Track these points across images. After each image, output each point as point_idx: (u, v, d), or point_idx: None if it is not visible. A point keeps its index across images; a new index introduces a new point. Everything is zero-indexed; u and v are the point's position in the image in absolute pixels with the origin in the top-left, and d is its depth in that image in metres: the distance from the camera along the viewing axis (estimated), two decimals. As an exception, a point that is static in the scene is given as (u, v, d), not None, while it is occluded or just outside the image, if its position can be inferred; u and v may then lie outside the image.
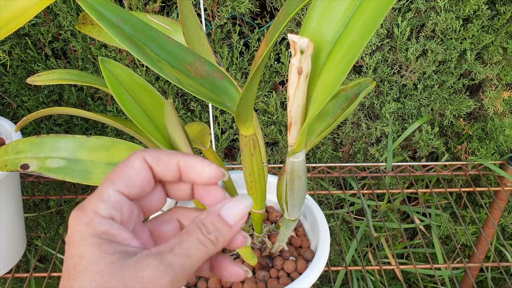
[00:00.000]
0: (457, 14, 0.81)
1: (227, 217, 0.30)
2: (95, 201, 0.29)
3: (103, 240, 0.27)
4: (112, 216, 0.28)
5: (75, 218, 0.28)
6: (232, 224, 0.30)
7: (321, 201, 1.01)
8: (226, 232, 0.30)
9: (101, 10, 0.40)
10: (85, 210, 0.28)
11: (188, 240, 0.28)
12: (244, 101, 0.40)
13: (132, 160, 0.30)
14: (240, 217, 0.30)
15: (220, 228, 0.29)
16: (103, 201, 0.29)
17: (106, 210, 0.28)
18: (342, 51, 0.37)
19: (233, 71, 0.87)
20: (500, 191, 0.91)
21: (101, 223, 0.28)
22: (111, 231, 0.28)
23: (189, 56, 0.43)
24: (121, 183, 0.29)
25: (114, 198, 0.29)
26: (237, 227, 0.30)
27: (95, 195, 0.29)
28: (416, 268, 0.74)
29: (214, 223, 0.29)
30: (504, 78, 0.89)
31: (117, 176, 0.30)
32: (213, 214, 0.30)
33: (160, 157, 0.31)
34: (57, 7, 0.80)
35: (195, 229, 0.29)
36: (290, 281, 0.56)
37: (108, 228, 0.28)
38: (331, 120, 0.51)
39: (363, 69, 0.87)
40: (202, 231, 0.29)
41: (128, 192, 0.30)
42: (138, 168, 0.30)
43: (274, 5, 0.86)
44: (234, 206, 0.30)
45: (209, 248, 0.29)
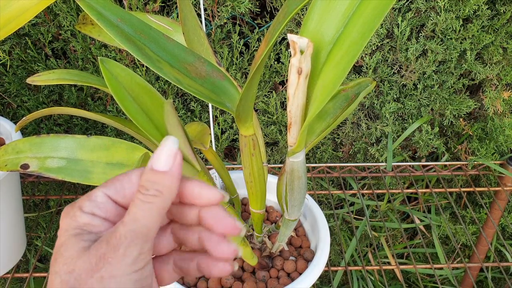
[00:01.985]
0: (457, 14, 0.81)
1: (158, 166, 0.30)
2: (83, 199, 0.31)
3: (82, 230, 0.29)
4: (93, 213, 0.30)
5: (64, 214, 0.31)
6: (167, 169, 0.30)
7: (321, 201, 1.01)
8: (165, 181, 0.29)
9: (101, 11, 0.40)
10: (73, 206, 0.31)
11: (132, 206, 0.29)
12: (244, 101, 0.40)
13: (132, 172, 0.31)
14: (170, 159, 0.30)
15: (156, 180, 0.29)
16: (90, 200, 0.30)
17: (89, 207, 0.30)
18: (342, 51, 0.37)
19: (233, 71, 0.87)
20: (500, 191, 0.91)
21: (83, 216, 0.30)
22: (92, 222, 0.30)
23: (189, 56, 0.43)
24: (112, 189, 0.31)
25: (101, 200, 0.30)
26: (175, 171, 0.30)
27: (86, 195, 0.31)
28: (416, 268, 0.74)
29: (149, 179, 0.29)
30: (504, 78, 0.89)
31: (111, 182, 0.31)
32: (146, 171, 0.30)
33: None
34: (57, 7, 0.80)
35: (136, 194, 0.30)
36: (290, 281, 0.56)
37: (88, 220, 0.30)
38: (331, 120, 0.51)
39: (363, 69, 0.87)
40: (141, 192, 0.29)
41: (116, 198, 0.31)
42: (133, 181, 0.31)
43: (274, 5, 0.86)
44: (160, 152, 0.30)
45: (154, 201, 0.29)
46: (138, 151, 0.62)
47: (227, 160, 0.99)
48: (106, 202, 0.31)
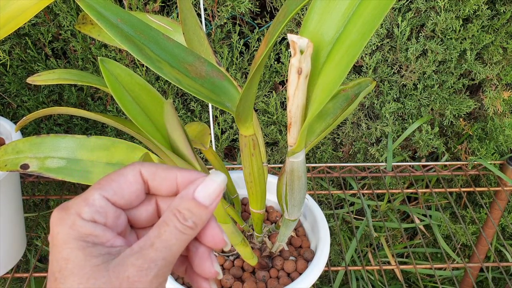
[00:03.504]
0: (457, 14, 0.81)
1: (202, 198, 0.29)
2: (80, 204, 0.29)
3: (87, 243, 0.27)
4: (95, 220, 0.28)
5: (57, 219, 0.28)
6: (208, 205, 0.29)
7: (321, 201, 1.01)
8: (203, 215, 0.29)
9: (100, 10, 0.40)
10: (69, 212, 0.28)
11: (167, 231, 0.28)
12: (244, 101, 0.40)
13: (127, 171, 0.30)
14: (215, 196, 0.29)
15: (196, 212, 0.29)
16: (88, 204, 0.28)
17: (89, 213, 0.28)
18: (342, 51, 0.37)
19: (233, 71, 0.87)
20: (500, 191, 0.91)
21: (84, 225, 0.28)
22: (95, 232, 0.28)
23: (189, 56, 0.43)
24: (110, 190, 0.29)
25: (99, 203, 0.29)
26: (214, 207, 0.29)
27: (81, 197, 0.29)
28: (416, 268, 0.74)
29: (189, 208, 0.29)
30: (504, 78, 0.89)
31: (107, 182, 0.30)
32: (187, 198, 0.29)
33: (157, 171, 0.30)
34: (57, 7, 0.80)
35: (171, 218, 0.28)
36: (290, 281, 0.56)
37: (91, 230, 0.28)
38: (331, 120, 0.51)
39: (363, 69, 0.87)
40: (179, 220, 0.28)
41: (115, 200, 0.29)
42: (131, 181, 0.30)
43: (274, 5, 0.86)
44: (208, 185, 0.29)
45: (188, 234, 0.29)
46: (138, 151, 0.62)
47: (227, 160, 0.99)
48: (105, 205, 0.29)
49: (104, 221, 0.29)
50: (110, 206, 0.29)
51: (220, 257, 0.60)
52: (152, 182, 0.30)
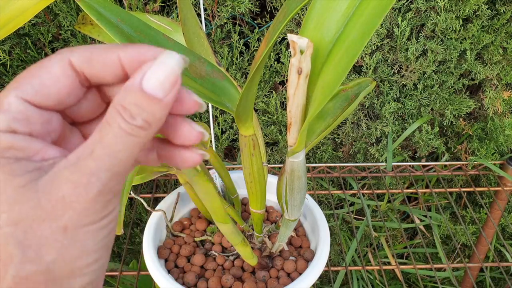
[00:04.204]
0: (457, 14, 0.81)
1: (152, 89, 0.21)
2: None
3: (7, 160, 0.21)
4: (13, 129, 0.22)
5: None
6: (162, 96, 0.22)
7: (321, 201, 1.01)
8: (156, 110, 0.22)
9: (100, 10, 0.40)
10: None
11: (109, 134, 0.22)
12: (244, 101, 0.39)
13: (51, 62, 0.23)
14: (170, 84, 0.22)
15: (146, 107, 0.22)
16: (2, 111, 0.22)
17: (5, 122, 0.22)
18: (342, 51, 0.37)
19: (233, 71, 0.87)
20: (500, 191, 0.91)
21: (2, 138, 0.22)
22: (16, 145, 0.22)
23: (189, 56, 0.43)
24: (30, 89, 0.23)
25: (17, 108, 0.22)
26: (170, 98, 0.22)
27: None
28: (416, 268, 0.74)
29: (137, 103, 0.21)
30: (504, 78, 0.89)
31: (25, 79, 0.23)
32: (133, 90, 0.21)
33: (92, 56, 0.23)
34: (57, 7, 0.80)
35: (114, 116, 0.22)
36: (290, 281, 0.56)
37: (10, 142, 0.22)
38: (331, 120, 0.51)
39: (363, 69, 0.87)
40: (124, 118, 0.22)
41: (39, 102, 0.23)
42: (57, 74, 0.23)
43: (274, 5, 0.86)
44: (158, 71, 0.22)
45: (139, 136, 0.22)
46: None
47: (227, 160, 0.99)
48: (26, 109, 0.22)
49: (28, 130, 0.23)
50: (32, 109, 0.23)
51: (220, 257, 0.60)
52: (90, 70, 0.23)
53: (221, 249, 0.62)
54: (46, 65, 0.23)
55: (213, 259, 0.61)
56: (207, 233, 0.64)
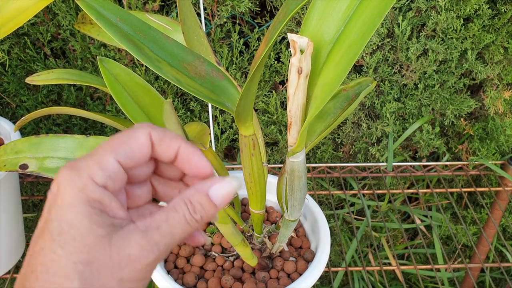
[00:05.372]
0: (458, 13, 0.81)
1: (215, 197, 0.29)
2: (94, 166, 0.27)
3: (94, 211, 0.26)
4: (106, 186, 0.27)
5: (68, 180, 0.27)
6: (218, 204, 0.29)
7: (321, 201, 1.01)
8: (210, 212, 0.29)
9: (100, 10, 0.40)
10: (81, 174, 0.27)
11: (175, 218, 0.28)
12: (243, 101, 0.39)
13: (138, 133, 0.29)
14: (227, 198, 0.29)
15: (206, 208, 0.29)
16: (102, 168, 0.27)
17: (102, 178, 0.27)
18: (342, 51, 0.37)
19: (233, 70, 0.87)
20: (501, 191, 0.91)
21: (96, 191, 0.27)
22: (103, 200, 0.27)
23: (188, 55, 0.43)
24: (123, 153, 0.28)
25: (113, 168, 0.28)
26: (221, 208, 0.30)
27: (93, 159, 0.27)
28: (416, 268, 0.74)
29: (201, 203, 0.28)
30: (505, 78, 0.88)
31: (120, 145, 0.28)
32: (202, 193, 0.29)
33: (165, 137, 0.30)
34: (56, 7, 0.80)
35: (182, 206, 0.28)
36: (290, 282, 0.55)
37: (101, 197, 0.27)
38: (331, 120, 0.51)
39: (363, 68, 0.87)
40: (189, 210, 0.28)
41: (125, 163, 0.28)
42: (142, 143, 0.29)
43: (274, 4, 0.86)
44: (223, 187, 0.29)
45: (193, 227, 0.28)
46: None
47: (226, 160, 0.99)
48: (118, 171, 0.28)
49: (113, 187, 0.28)
50: (121, 171, 0.28)
51: (220, 257, 0.60)
52: (158, 147, 0.30)
53: (221, 250, 0.61)
54: (134, 136, 0.29)
55: (213, 260, 0.60)
56: (207, 233, 0.64)
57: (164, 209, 0.28)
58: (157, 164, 0.32)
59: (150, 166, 0.31)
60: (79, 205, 0.26)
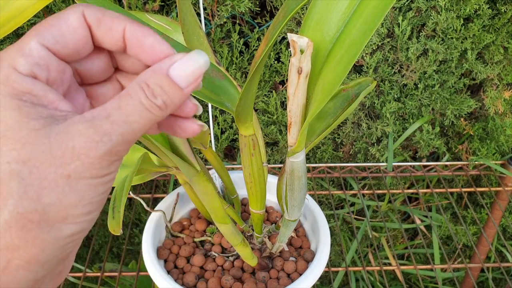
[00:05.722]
0: (458, 13, 0.81)
1: (178, 77, 0.24)
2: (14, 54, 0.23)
3: (24, 103, 0.23)
4: (35, 74, 0.23)
5: None
6: (184, 86, 0.25)
7: (321, 201, 1.01)
8: (176, 96, 0.25)
9: (99, 9, 0.40)
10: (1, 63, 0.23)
11: (129, 104, 0.24)
12: (243, 101, 0.39)
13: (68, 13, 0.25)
14: (193, 78, 0.25)
15: (168, 91, 0.24)
16: (24, 55, 0.23)
17: (27, 66, 0.23)
18: (342, 51, 0.37)
19: (233, 70, 0.87)
20: (501, 191, 0.91)
21: (22, 81, 0.23)
22: (34, 91, 0.23)
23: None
24: (50, 37, 0.24)
25: (39, 53, 0.24)
26: (189, 91, 0.25)
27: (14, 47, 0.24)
28: (416, 268, 0.74)
29: (161, 85, 0.24)
30: (505, 78, 0.88)
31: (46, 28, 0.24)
32: (160, 73, 0.24)
33: (103, 18, 0.25)
34: (56, 7, 0.80)
35: (137, 90, 0.24)
36: (290, 282, 0.55)
37: (30, 87, 0.23)
38: (331, 120, 0.51)
39: (363, 68, 0.87)
40: (146, 94, 0.24)
41: (57, 50, 0.24)
42: (74, 25, 0.24)
43: (274, 4, 0.86)
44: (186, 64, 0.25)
45: (155, 114, 0.24)
46: (137, 151, 0.62)
47: (226, 160, 0.99)
48: (47, 56, 0.24)
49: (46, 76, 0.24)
50: (52, 57, 0.24)
51: (220, 257, 0.60)
52: (97, 30, 0.25)
53: (221, 250, 0.61)
54: (64, 17, 0.24)
55: (213, 260, 0.60)
56: (207, 233, 0.64)
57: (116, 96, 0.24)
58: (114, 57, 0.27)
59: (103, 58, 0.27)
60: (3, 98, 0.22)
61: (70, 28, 0.24)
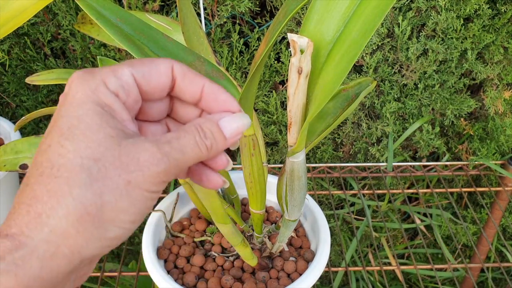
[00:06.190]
0: (458, 13, 0.81)
1: (225, 128, 0.29)
2: (107, 72, 0.27)
3: (105, 112, 0.26)
4: (118, 94, 0.27)
5: (80, 80, 0.27)
6: (228, 137, 0.29)
7: (321, 201, 1.01)
8: (220, 143, 0.29)
9: (100, 10, 0.40)
10: (94, 76, 0.27)
11: (185, 137, 0.28)
12: (243, 100, 0.39)
13: (159, 61, 0.29)
14: (236, 132, 0.30)
15: (216, 137, 0.29)
16: (116, 76, 0.27)
17: (115, 85, 0.27)
18: (342, 51, 0.37)
19: (233, 70, 0.87)
20: (501, 191, 0.91)
21: (107, 95, 0.27)
22: (114, 106, 0.27)
23: (188, 55, 0.43)
24: (140, 71, 0.28)
25: (127, 79, 0.28)
26: (231, 142, 0.30)
27: (109, 68, 0.28)
28: (416, 268, 0.74)
29: (211, 130, 0.29)
30: (505, 78, 0.88)
31: (139, 64, 0.28)
32: (212, 121, 0.29)
33: (188, 73, 0.30)
34: (56, 7, 0.80)
35: (192, 129, 0.28)
36: (290, 282, 0.55)
37: (112, 102, 0.27)
38: (331, 120, 0.51)
39: (363, 68, 0.87)
40: (199, 134, 0.28)
41: (140, 83, 0.28)
42: (161, 71, 0.29)
43: (274, 4, 0.86)
44: (234, 120, 0.30)
45: (202, 152, 0.28)
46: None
47: (227, 160, 0.99)
48: (131, 84, 0.28)
49: (125, 100, 0.28)
50: (134, 87, 0.28)
51: (220, 257, 0.60)
52: (181, 82, 0.30)
53: (221, 250, 0.61)
54: (156, 62, 0.29)
55: (213, 260, 0.60)
56: (207, 233, 0.64)
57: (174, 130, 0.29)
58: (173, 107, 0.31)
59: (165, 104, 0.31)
60: (90, 103, 0.26)
61: (158, 72, 0.29)
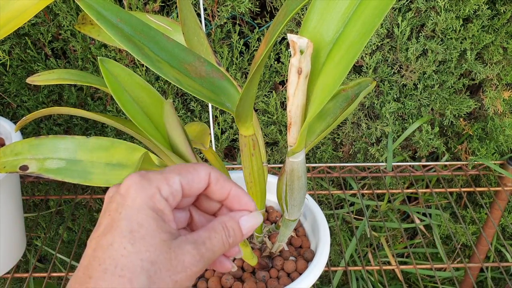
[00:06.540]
0: (457, 14, 0.81)
1: (243, 226, 0.35)
2: (162, 181, 0.32)
3: (159, 217, 0.31)
4: (168, 199, 0.32)
5: (139, 185, 0.31)
6: (245, 234, 0.35)
7: (321, 201, 1.01)
8: (238, 238, 0.34)
9: (100, 10, 0.40)
10: (151, 183, 0.31)
11: (216, 238, 0.33)
12: (243, 101, 0.39)
13: (200, 169, 0.34)
14: (251, 229, 0.35)
15: (236, 234, 0.34)
16: (168, 184, 0.32)
17: (167, 192, 0.31)
18: (342, 51, 0.37)
19: (233, 71, 0.87)
20: (500, 191, 0.91)
21: (161, 202, 0.31)
22: (165, 211, 0.31)
23: (188, 56, 0.43)
24: (187, 179, 0.33)
25: (176, 187, 0.32)
26: (246, 236, 0.35)
27: (162, 175, 0.32)
28: (416, 268, 0.74)
29: (234, 228, 0.34)
30: (504, 78, 0.89)
31: (186, 171, 0.33)
32: (235, 220, 0.34)
33: (220, 179, 0.35)
34: (56, 7, 0.80)
35: (220, 228, 0.33)
36: (290, 281, 0.55)
37: (163, 207, 0.31)
38: (331, 120, 0.51)
39: (363, 69, 0.87)
40: (225, 233, 0.33)
41: (185, 188, 0.33)
42: (201, 178, 0.34)
43: (274, 5, 0.86)
44: (251, 219, 0.35)
45: (226, 248, 0.33)
46: (137, 151, 0.62)
47: (227, 160, 0.99)
48: (179, 191, 0.32)
49: (173, 205, 0.32)
50: (180, 192, 0.33)
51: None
52: (214, 186, 0.34)
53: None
54: (198, 169, 0.34)
55: (213, 259, 0.60)
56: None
57: (205, 228, 0.33)
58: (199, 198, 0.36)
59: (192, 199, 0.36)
60: (148, 209, 0.30)
61: (198, 179, 0.34)
